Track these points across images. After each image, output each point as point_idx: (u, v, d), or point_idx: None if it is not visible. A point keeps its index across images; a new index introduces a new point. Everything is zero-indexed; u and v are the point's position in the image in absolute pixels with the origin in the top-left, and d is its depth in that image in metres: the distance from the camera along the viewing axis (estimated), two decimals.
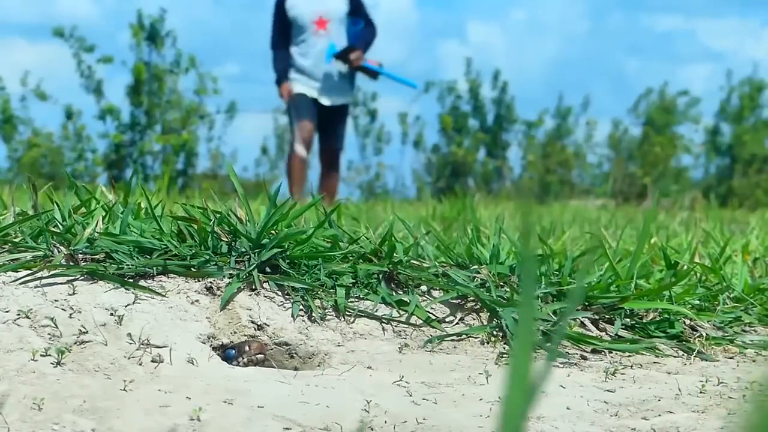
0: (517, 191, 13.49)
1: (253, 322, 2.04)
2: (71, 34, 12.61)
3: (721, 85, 14.90)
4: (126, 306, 1.94)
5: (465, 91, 14.40)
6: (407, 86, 8.42)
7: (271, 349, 2.03)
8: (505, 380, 0.63)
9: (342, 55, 8.03)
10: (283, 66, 8.41)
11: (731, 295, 2.44)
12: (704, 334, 2.23)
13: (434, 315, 2.19)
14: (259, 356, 1.98)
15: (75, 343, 1.82)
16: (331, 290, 2.15)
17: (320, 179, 8.71)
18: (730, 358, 2.17)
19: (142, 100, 12.67)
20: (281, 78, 8.51)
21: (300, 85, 8.25)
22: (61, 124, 13.04)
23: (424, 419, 1.73)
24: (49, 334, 1.83)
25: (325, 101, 8.21)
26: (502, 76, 14.41)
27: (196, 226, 2.18)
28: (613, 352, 2.12)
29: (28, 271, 1.99)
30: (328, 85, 8.20)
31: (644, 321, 2.26)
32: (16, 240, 2.12)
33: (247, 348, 1.97)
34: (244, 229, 2.19)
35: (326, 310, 2.12)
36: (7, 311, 1.86)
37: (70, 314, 1.88)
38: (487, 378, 1.94)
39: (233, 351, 1.98)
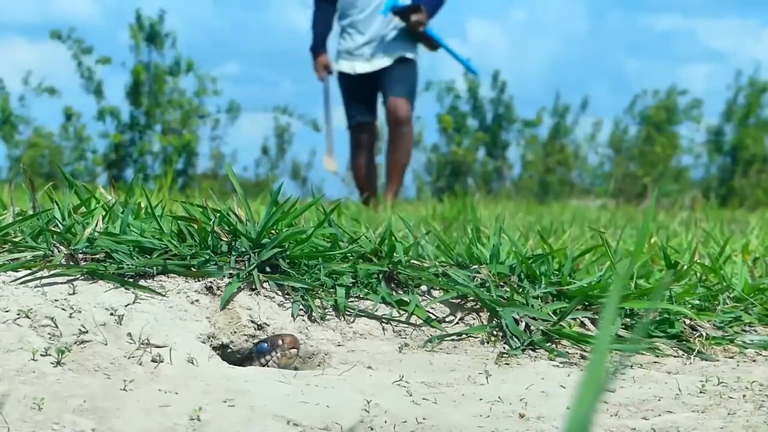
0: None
1: (253, 322, 2.04)
2: (69, 35, 12.62)
3: (728, 84, 14.89)
4: (126, 306, 1.94)
5: (464, 90, 14.40)
6: (467, 69, 7.30)
7: (302, 344, 2.02)
8: (576, 391, 0.65)
9: (402, 13, 6.79)
10: (322, 28, 7.06)
11: (731, 295, 2.44)
12: (704, 334, 2.23)
13: (434, 315, 2.19)
14: (293, 350, 1.95)
15: (75, 342, 1.81)
16: (331, 290, 2.15)
17: (387, 147, 7.26)
18: (730, 358, 2.17)
19: (142, 101, 12.67)
20: (317, 45, 7.12)
21: (343, 61, 6.98)
22: (61, 124, 13.05)
23: (424, 419, 1.73)
24: (49, 333, 1.83)
25: (372, 66, 6.93)
26: (501, 75, 14.42)
27: (196, 226, 2.18)
28: (613, 351, 2.12)
29: (28, 271, 1.99)
30: (378, 43, 6.89)
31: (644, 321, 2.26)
32: (16, 239, 2.12)
33: (280, 342, 1.95)
34: (244, 229, 2.19)
35: (326, 310, 2.12)
36: (7, 311, 1.86)
37: (70, 314, 1.88)
38: (487, 378, 1.94)
39: (266, 345, 1.95)
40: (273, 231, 2.23)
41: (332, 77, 7.21)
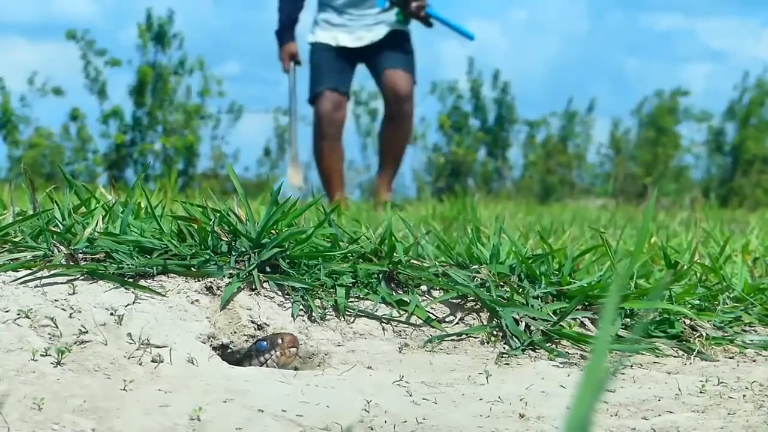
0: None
1: (253, 322, 2.04)
2: (83, 36, 12.66)
3: (735, 84, 14.86)
4: (126, 306, 1.94)
5: (466, 90, 14.40)
6: (464, 36, 6.42)
7: (302, 344, 2.01)
8: (576, 391, 0.66)
9: (401, 2, 6.05)
10: (290, 10, 6.22)
11: (731, 295, 2.44)
12: (704, 334, 2.23)
13: (434, 315, 2.19)
14: (292, 349, 1.94)
15: (75, 342, 1.82)
16: (331, 290, 2.15)
17: (382, 126, 6.38)
18: (730, 358, 2.17)
19: (146, 101, 12.68)
20: (284, 31, 6.29)
21: (321, 31, 6.18)
22: (62, 125, 13.05)
23: (424, 419, 1.73)
24: (49, 334, 1.83)
25: (359, 41, 6.12)
26: (503, 76, 14.42)
27: (196, 226, 2.18)
28: (613, 351, 2.12)
29: (28, 271, 1.99)
30: (365, 15, 6.09)
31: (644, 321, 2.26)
32: (16, 239, 2.12)
33: (279, 341, 1.94)
34: (244, 229, 2.19)
35: (326, 310, 2.12)
36: (7, 311, 1.86)
37: (70, 314, 1.88)
38: (487, 378, 1.94)
39: (265, 343, 1.95)
40: (273, 231, 2.23)
41: (299, 69, 6.46)
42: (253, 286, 2.10)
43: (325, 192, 6.38)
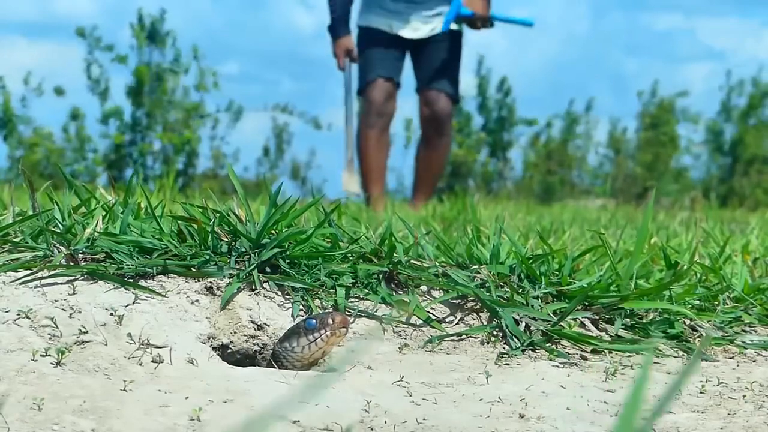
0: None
1: (253, 322, 2.04)
2: (91, 33, 12.66)
3: (720, 85, 14.85)
4: (126, 306, 1.94)
5: (471, 88, 14.38)
6: (524, 25, 6.11)
7: (354, 323, 1.99)
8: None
9: (468, 20, 5.86)
10: (344, 3, 5.85)
11: (731, 295, 2.44)
12: (704, 334, 2.23)
13: (434, 315, 2.19)
14: (343, 330, 1.91)
15: (75, 343, 1.82)
16: (331, 290, 2.15)
17: (418, 147, 6.14)
18: (730, 358, 2.17)
19: (144, 101, 12.67)
20: (338, 23, 5.88)
21: (374, 16, 5.84)
22: (62, 125, 13.04)
23: (424, 419, 1.73)
24: (49, 334, 1.83)
25: (414, 32, 5.83)
26: (507, 78, 14.42)
27: (196, 226, 2.18)
28: (613, 352, 2.12)
29: (28, 271, 1.99)
30: (423, 6, 5.79)
31: (644, 321, 2.26)
32: (16, 240, 2.12)
33: (330, 320, 1.90)
34: (244, 229, 2.19)
35: (326, 310, 2.12)
36: (7, 311, 1.86)
37: (70, 314, 1.88)
38: (487, 378, 1.94)
39: (314, 321, 1.91)
40: (273, 231, 2.23)
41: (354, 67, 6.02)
42: (253, 287, 2.10)
43: (363, 186, 6.05)
